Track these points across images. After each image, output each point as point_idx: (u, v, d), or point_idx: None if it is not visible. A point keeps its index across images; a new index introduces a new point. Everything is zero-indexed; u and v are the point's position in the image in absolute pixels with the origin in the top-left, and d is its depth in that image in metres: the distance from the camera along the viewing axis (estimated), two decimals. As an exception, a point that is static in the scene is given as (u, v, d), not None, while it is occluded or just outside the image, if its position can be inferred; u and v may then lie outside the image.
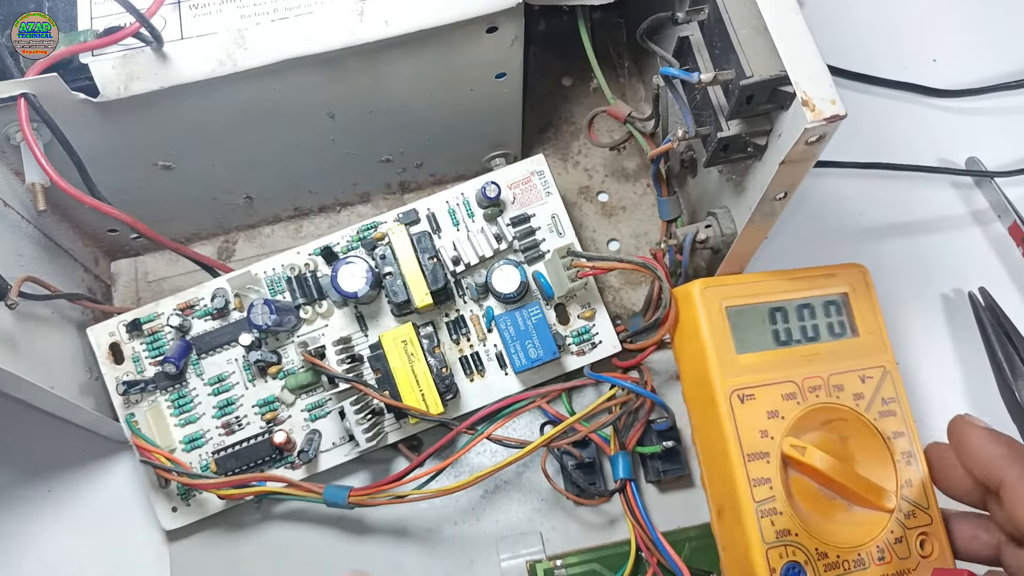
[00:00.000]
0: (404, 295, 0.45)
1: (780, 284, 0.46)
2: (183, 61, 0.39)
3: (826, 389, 0.44)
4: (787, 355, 0.45)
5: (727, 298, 0.45)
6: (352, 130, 0.47)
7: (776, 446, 0.43)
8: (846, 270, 0.46)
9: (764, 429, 0.43)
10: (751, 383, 0.44)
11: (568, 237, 0.48)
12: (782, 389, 0.44)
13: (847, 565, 0.42)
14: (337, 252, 0.47)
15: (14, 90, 0.38)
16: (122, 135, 0.42)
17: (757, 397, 0.43)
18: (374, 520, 0.49)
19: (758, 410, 0.43)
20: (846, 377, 0.45)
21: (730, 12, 0.37)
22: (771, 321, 0.45)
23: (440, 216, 0.48)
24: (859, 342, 0.46)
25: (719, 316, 0.44)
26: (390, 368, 0.45)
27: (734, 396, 0.43)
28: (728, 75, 0.37)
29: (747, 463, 0.42)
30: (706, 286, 0.45)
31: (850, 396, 0.44)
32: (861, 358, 0.45)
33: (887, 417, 0.44)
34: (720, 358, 0.44)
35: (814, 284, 0.46)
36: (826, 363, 0.45)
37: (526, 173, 0.49)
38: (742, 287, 0.45)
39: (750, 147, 0.40)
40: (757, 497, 0.42)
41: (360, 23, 0.40)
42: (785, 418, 0.43)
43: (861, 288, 0.46)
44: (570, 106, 0.57)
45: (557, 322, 0.49)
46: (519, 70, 0.46)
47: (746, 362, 0.44)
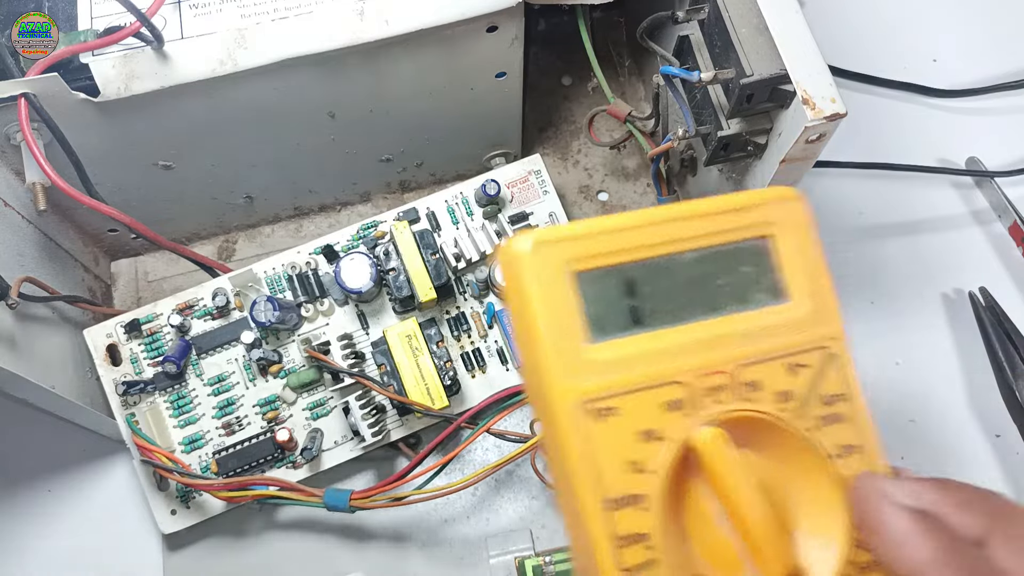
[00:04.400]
0: (408, 290, 0.45)
1: (662, 229, 0.29)
2: (184, 61, 0.39)
3: (734, 388, 0.29)
4: (670, 340, 0.28)
5: (576, 258, 0.28)
6: (352, 129, 0.47)
7: (657, 484, 0.27)
8: (769, 201, 0.30)
9: (635, 460, 0.27)
10: (612, 389, 0.27)
11: (566, 234, 0.48)
12: (663, 395, 0.28)
13: None
14: (338, 251, 0.47)
15: (14, 90, 0.38)
16: (122, 135, 0.42)
17: (622, 411, 0.28)
18: (372, 521, 0.49)
19: (624, 431, 0.27)
20: (766, 368, 0.29)
21: (730, 11, 0.37)
22: (643, 289, 0.29)
23: (440, 214, 0.48)
24: (788, 311, 0.30)
25: (562, 286, 0.28)
26: (395, 362, 0.45)
27: (584, 410, 0.27)
28: (728, 74, 0.37)
29: (605, 512, 0.27)
30: (541, 240, 0.28)
31: (771, 396, 0.29)
32: (791, 335, 0.29)
33: (831, 426, 0.29)
34: (560, 351, 0.27)
35: (718, 225, 0.29)
36: (734, 347, 0.29)
37: (523, 172, 0.49)
38: (601, 239, 0.28)
39: (750, 146, 0.40)
40: (624, 563, 0.27)
41: (360, 22, 0.40)
42: (665, 439, 0.27)
43: (792, 228, 0.30)
44: (570, 105, 0.57)
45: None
46: (519, 70, 0.46)
47: (605, 356, 0.28)
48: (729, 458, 0.27)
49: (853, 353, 0.30)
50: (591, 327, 0.28)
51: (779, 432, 0.29)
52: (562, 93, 0.57)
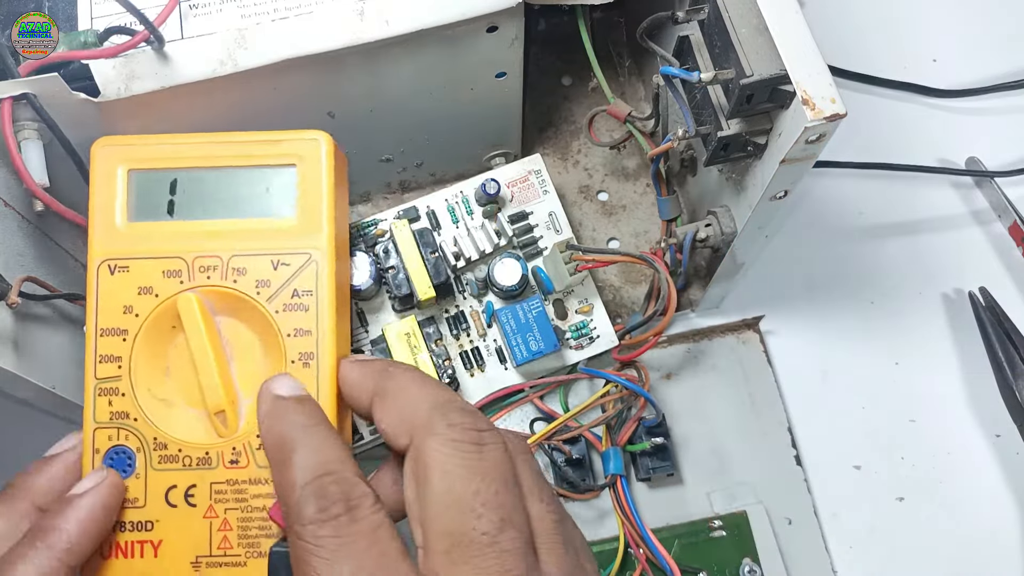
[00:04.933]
0: (407, 289, 0.45)
1: (207, 148, 0.39)
2: (184, 61, 0.39)
3: (223, 271, 0.38)
4: (186, 229, 0.39)
5: (132, 160, 0.39)
6: (352, 129, 0.47)
7: (138, 324, 0.38)
8: (300, 138, 0.39)
9: (130, 305, 0.38)
10: (128, 254, 0.38)
11: (565, 233, 0.49)
12: (166, 265, 0.38)
13: (188, 461, 0.38)
14: (337, 250, 0.47)
15: (14, 90, 0.38)
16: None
17: (131, 270, 0.38)
18: None
19: (129, 283, 0.38)
20: (254, 260, 0.39)
21: (730, 11, 0.37)
22: (172, 189, 0.39)
23: (440, 213, 0.48)
24: (292, 223, 0.39)
25: (117, 178, 0.39)
26: None
27: (104, 267, 0.38)
28: (728, 74, 0.37)
29: (98, 337, 0.38)
30: (106, 144, 0.39)
31: (252, 282, 0.38)
32: (285, 241, 0.39)
33: (294, 311, 0.38)
34: (101, 224, 0.39)
35: (252, 151, 0.39)
36: (235, 242, 0.39)
37: (523, 172, 0.49)
38: (155, 148, 0.39)
39: (750, 146, 0.40)
40: (100, 374, 0.38)
41: (361, 23, 0.40)
42: (159, 296, 0.38)
43: (313, 161, 0.39)
44: (570, 105, 0.57)
45: (555, 317, 0.49)
46: (519, 70, 0.46)
47: (134, 232, 0.39)
48: (194, 314, 0.37)
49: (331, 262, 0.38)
50: (131, 211, 0.39)
51: (250, 307, 0.38)
52: (562, 93, 0.57)
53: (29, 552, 0.33)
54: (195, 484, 0.38)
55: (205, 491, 0.38)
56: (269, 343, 0.39)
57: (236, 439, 0.38)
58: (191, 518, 0.37)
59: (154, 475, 0.38)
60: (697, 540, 0.47)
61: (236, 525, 0.38)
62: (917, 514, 0.50)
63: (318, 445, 0.31)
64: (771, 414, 0.51)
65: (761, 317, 0.53)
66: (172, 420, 0.38)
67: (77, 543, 0.34)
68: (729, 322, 0.53)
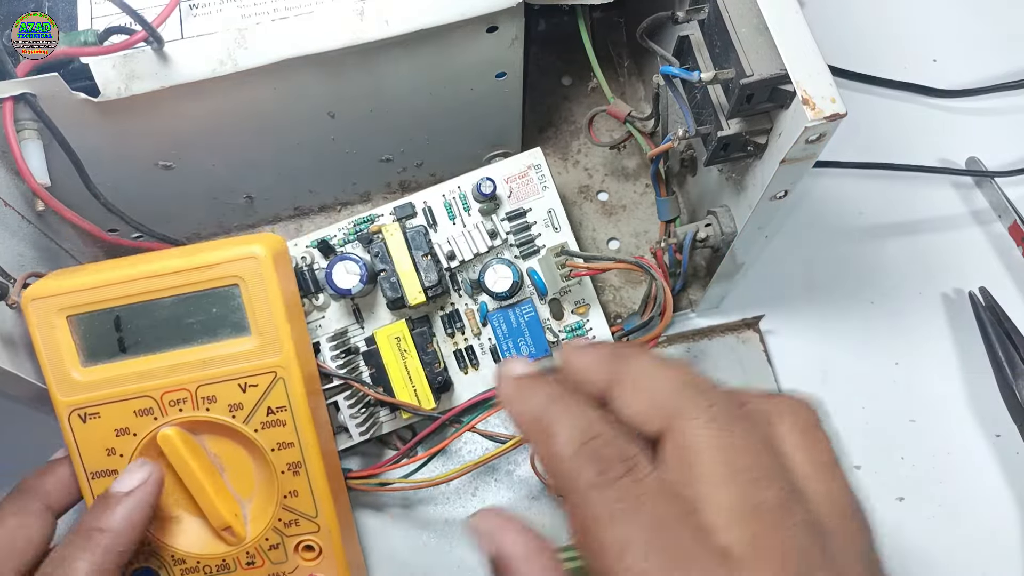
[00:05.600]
0: (398, 292, 0.45)
1: (143, 281, 0.39)
2: (184, 61, 0.39)
3: (193, 402, 0.40)
4: (147, 365, 0.39)
5: (68, 306, 0.39)
6: (352, 129, 0.47)
7: (125, 462, 0.40)
8: (236, 256, 0.39)
9: (112, 447, 0.40)
10: (94, 400, 0.39)
11: (564, 232, 0.48)
12: (135, 405, 0.39)
13: (208, 570, 0.41)
14: (333, 245, 0.47)
15: (14, 90, 0.38)
16: (122, 135, 0.42)
17: (102, 415, 0.39)
18: (361, 504, 0.49)
19: (105, 429, 0.39)
20: (222, 387, 0.39)
21: (730, 11, 0.37)
22: (118, 327, 0.39)
23: (436, 210, 0.48)
24: (249, 342, 0.40)
25: (58, 327, 0.39)
26: (383, 364, 0.45)
27: (75, 416, 0.39)
28: (728, 74, 0.37)
29: (91, 480, 0.40)
30: (35, 296, 0.39)
31: (225, 408, 0.40)
32: (247, 361, 0.39)
33: (272, 427, 0.40)
34: (57, 376, 0.39)
35: (190, 278, 0.39)
36: (196, 371, 0.39)
37: (523, 167, 0.48)
38: (87, 292, 0.39)
39: (750, 146, 0.40)
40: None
41: (360, 23, 0.40)
42: (137, 435, 0.39)
43: (255, 277, 0.39)
44: (570, 105, 0.57)
45: (551, 317, 0.49)
46: (519, 70, 0.46)
47: (93, 377, 0.39)
48: (178, 449, 0.39)
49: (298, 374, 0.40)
50: (82, 355, 0.39)
51: (229, 430, 0.40)
52: (562, 93, 0.57)
53: (83, 552, 0.35)
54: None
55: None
56: (253, 451, 0.41)
57: (247, 545, 0.41)
58: None
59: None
60: None
61: None
62: (917, 514, 0.50)
63: (575, 412, 0.29)
64: None
65: (761, 317, 0.53)
66: (184, 535, 0.41)
67: (127, 540, 0.36)
68: (729, 322, 0.53)
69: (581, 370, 0.31)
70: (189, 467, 0.40)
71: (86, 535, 0.36)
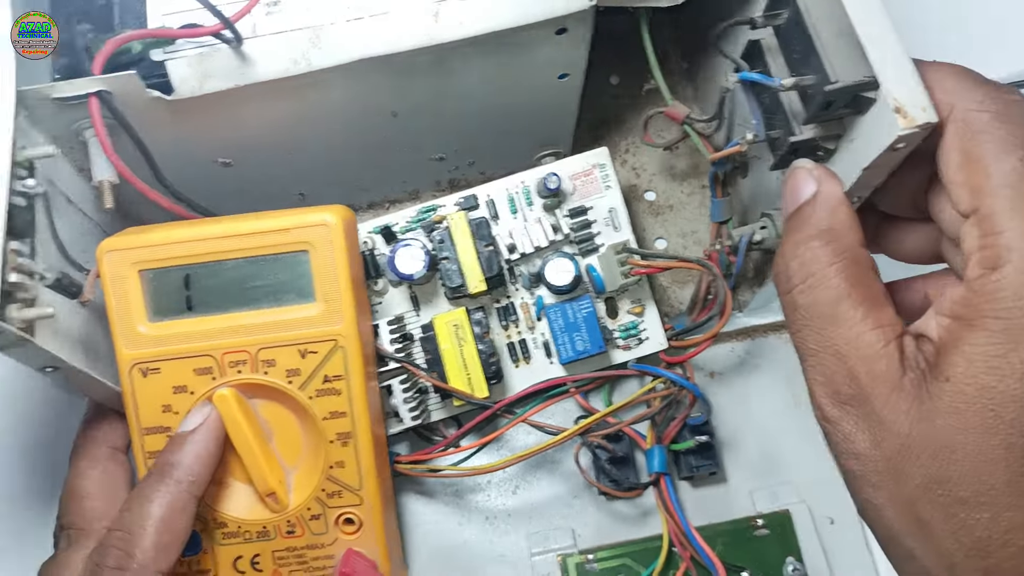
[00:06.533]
0: (459, 280, 0.45)
1: (215, 241, 0.40)
2: (259, 60, 0.39)
3: (252, 364, 0.40)
4: (211, 324, 0.40)
5: (141, 261, 0.39)
6: (412, 129, 0.47)
7: (179, 420, 0.40)
8: (309, 223, 0.40)
9: (168, 404, 0.40)
10: (156, 356, 0.40)
11: (624, 232, 0.49)
12: (196, 363, 0.40)
13: (248, 535, 0.41)
14: (396, 232, 0.47)
15: (92, 87, 0.37)
16: (188, 133, 0.42)
17: (163, 371, 0.40)
18: (403, 489, 0.50)
19: (163, 384, 0.40)
20: (282, 352, 0.40)
21: (812, 16, 0.37)
22: (187, 285, 0.40)
23: (499, 203, 0.48)
24: (313, 309, 0.40)
25: (130, 280, 0.39)
26: (440, 350, 0.45)
27: (136, 370, 0.40)
28: (809, 80, 0.37)
29: (143, 436, 0.40)
30: (110, 248, 0.39)
31: (283, 372, 0.40)
32: (307, 329, 0.40)
33: (327, 396, 0.40)
34: (124, 328, 0.39)
35: (262, 241, 0.40)
36: (259, 334, 0.40)
37: (587, 165, 0.48)
38: (161, 248, 0.40)
39: (820, 151, 0.40)
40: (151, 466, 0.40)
41: (435, 24, 0.40)
42: (195, 393, 0.40)
43: (325, 245, 0.40)
44: (617, 104, 0.57)
45: (606, 315, 0.49)
46: (582, 71, 0.46)
47: (158, 332, 0.40)
48: (233, 410, 0.39)
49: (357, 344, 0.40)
50: (150, 310, 0.40)
51: (283, 393, 0.40)
52: (610, 92, 0.57)
53: (159, 485, 0.38)
54: (258, 554, 0.42)
55: (268, 558, 0.42)
56: (304, 419, 0.41)
57: (289, 513, 0.41)
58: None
59: (220, 549, 0.42)
60: (740, 539, 0.48)
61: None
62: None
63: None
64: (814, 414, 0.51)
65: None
66: (227, 500, 0.41)
67: (199, 474, 0.38)
68: (775, 321, 0.53)
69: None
70: (241, 428, 0.40)
71: (159, 471, 0.38)
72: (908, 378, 0.31)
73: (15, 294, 0.34)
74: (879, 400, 0.31)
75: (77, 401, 0.46)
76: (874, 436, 0.31)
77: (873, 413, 0.31)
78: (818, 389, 0.33)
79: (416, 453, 0.47)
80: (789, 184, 0.37)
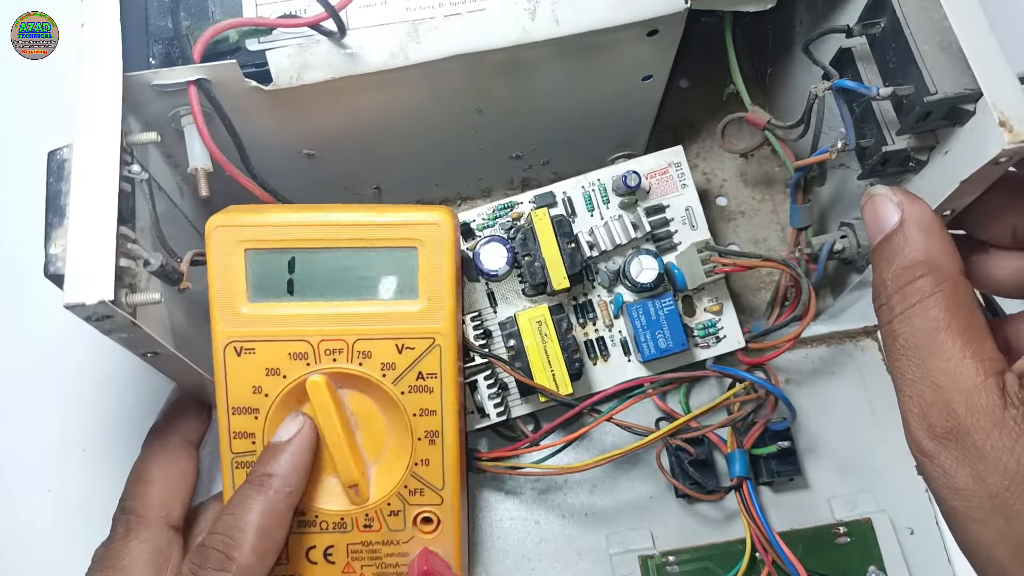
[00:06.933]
0: (542, 277, 0.46)
1: (324, 228, 0.40)
2: (357, 52, 0.39)
3: (348, 354, 0.40)
4: (311, 310, 0.40)
5: (249, 240, 0.39)
6: (494, 126, 0.47)
7: (269, 404, 0.40)
8: (422, 221, 0.40)
9: (259, 385, 0.40)
10: (253, 336, 0.39)
11: (701, 230, 0.49)
12: (292, 347, 0.40)
13: (325, 526, 0.41)
14: (473, 228, 0.48)
15: (191, 75, 0.38)
16: (279, 123, 0.42)
17: (257, 352, 0.40)
18: (482, 484, 0.50)
19: (256, 365, 0.40)
20: (379, 344, 0.40)
21: (912, 27, 0.37)
22: (291, 268, 0.40)
23: (576, 201, 0.48)
24: (415, 305, 0.40)
25: (235, 258, 0.39)
26: (524, 346, 0.46)
27: (231, 348, 0.39)
28: (907, 90, 0.37)
29: (231, 415, 0.40)
30: (220, 224, 0.39)
31: (377, 365, 0.40)
32: (408, 324, 0.40)
33: (419, 392, 0.40)
34: (224, 305, 0.39)
35: (372, 233, 0.39)
36: (358, 324, 0.40)
37: (663, 164, 0.48)
38: (270, 229, 0.39)
39: (912, 162, 0.40)
40: (236, 449, 0.41)
41: (532, 21, 0.40)
42: (287, 377, 0.40)
43: (434, 244, 0.39)
44: (688, 109, 0.57)
45: (683, 313, 0.49)
46: (666, 74, 0.46)
47: (257, 312, 0.40)
48: (325, 399, 0.39)
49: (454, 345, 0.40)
50: (251, 290, 0.39)
51: (375, 386, 0.40)
52: (680, 96, 0.57)
53: (256, 494, 0.38)
54: (332, 545, 0.42)
55: (342, 551, 0.42)
56: (392, 415, 0.41)
57: (369, 507, 0.41)
58: (331, 573, 0.42)
59: (294, 538, 0.41)
60: (822, 545, 0.48)
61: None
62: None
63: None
64: (891, 422, 0.51)
65: (878, 327, 0.53)
66: (308, 488, 0.41)
67: (295, 485, 0.39)
68: (846, 329, 0.53)
69: None
70: (331, 417, 0.40)
71: (258, 480, 0.39)
72: (1010, 413, 0.31)
73: (123, 279, 0.34)
74: (980, 434, 0.31)
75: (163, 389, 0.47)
76: (976, 471, 0.31)
77: (974, 448, 0.31)
78: (914, 421, 0.33)
79: (499, 450, 0.47)
80: (869, 210, 0.37)
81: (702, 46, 0.55)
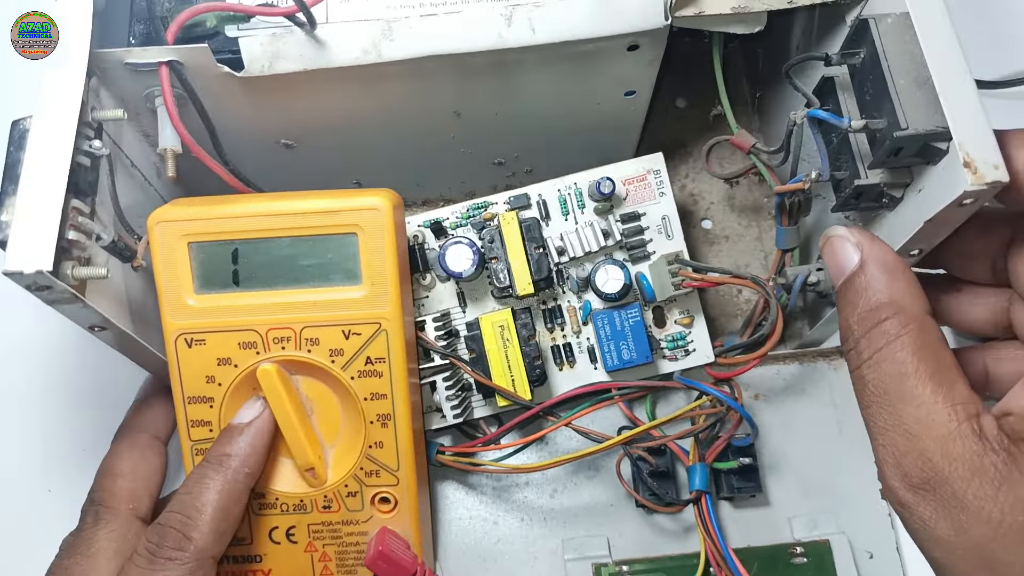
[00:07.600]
0: (507, 281, 0.45)
1: (265, 218, 0.40)
2: (330, 46, 0.39)
3: (296, 342, 0.40)
4: (257, 300, 0.40)
5: (191, 233, 0.40)
6: (474, 130, 0.47)
7: (223, 392, 0.41)
8: (360, 206, 0.40)
9: (212, 375, 0.41)
10: (202, 327, 0.40)
11: (676, 241, 0.48)
12: (240, 337, 0.40)
13: (285, 507, 0.42)
14: (446, 227, 0.48)
15: (163, 56, 0.38)
16: (254, 111, 0.43)
17: (208, 343, 0.40)
18: (445, 482, 0.50)
19: (208, 356, 0.40)
20: (326, 331, 0.40)
21: (890, 60, 0.37)
22: (235, 260, 0.40)
23: (551, 203, 0.48)
24: (359, 291, 0.40)
25: (179, 251, 0.40)
26: (485, 350, 0.45)
27: (181, 340, 0.40)
28: (879, 124, 0.37)
29: (187, 404, 0.41)
30: (162, 219, 0.40)
31: (326, 351, 0.40)
32: (352, 311, 0.40)
33: (368, 378, 0.41)
34: (171, 299, 0.40)
35: (312, 221, 0.40)
36: (304, 312, 0.40)
37: (642, 170, 0.48)
38: (212, 222, 0.40)
39: (885, 197, 0.39)
40: (194, 437, 0.41)
41: (507, 27, 0.40)
42: (238, 367, 0.40)
43: (374, 229, 0.40)
44: (681, 128, 0.56)
45: (653, 324, 0.48)
46: (649, 90, 0.46)
47: (204, 305, 0.40)
48: (276, 385, 0.40)
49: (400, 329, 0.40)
50: (197, 282, 0.40)
51: (325, 372, 0.41)
52: (675, 115, 0.57)
53: (215, 473, 0.39)
54: (294, 525, 0.43)
55: (304, 531, 0.43)
56: (345, 399, 0.42)
57: (326, 489, 0.42)
58: (294, 552, 0.43)
59: (256, 518, 0.43)
60: (777, 564, 0.47)
61: (334, 556, 0.43)
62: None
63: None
64: (859, 443, 0.49)
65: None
66: (266, 472, 0.42)
67: (254, 466, 0.40)
68: (820, 348, 0.52)
69: None
70: (283, 403, 0.40)
71: (216, 460, 0.39)
72: (990, 459, 0.30)
73: (71, 251, 0.34)
74: (960, 483, 0.30)
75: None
76: (957, 522, 0.30)
77: (954, 497, 0.30)
78: (889, 471, 0.32)
79: (460, 446, 0.47)
80: (828, 252, 0.37)
81: (704, 67, 0.54)
